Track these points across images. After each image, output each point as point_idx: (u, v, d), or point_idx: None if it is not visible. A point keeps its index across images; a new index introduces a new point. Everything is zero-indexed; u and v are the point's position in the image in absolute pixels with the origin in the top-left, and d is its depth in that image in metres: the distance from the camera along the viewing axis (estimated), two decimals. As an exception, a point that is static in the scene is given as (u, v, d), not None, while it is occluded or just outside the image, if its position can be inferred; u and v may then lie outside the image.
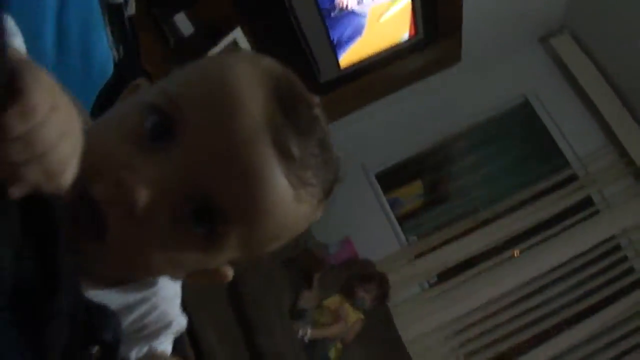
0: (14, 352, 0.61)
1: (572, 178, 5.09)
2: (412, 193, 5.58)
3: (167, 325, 1.01)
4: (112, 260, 0.73)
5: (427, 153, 5.45)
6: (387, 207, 5.20)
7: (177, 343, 1.02)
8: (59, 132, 0.55)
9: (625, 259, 4.91)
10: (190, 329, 1.25)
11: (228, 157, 0.70)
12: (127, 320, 0.95)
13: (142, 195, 0.68)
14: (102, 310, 0.69)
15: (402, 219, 5.28)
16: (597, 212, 5.00)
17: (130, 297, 0.90)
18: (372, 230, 5.04)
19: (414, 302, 4.81)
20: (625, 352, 4.67)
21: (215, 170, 0.70)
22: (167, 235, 0.71)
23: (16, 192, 0.54)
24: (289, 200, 0.74)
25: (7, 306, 0.58)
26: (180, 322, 1.05)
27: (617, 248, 4.94)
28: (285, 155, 0.72)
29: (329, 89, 4.21)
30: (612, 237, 4.92)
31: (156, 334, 1.00)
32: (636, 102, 4.93)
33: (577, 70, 5.09)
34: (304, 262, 4.14)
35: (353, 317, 4.19)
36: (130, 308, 0.92)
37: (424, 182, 5.65)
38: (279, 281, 3.92)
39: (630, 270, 4.88)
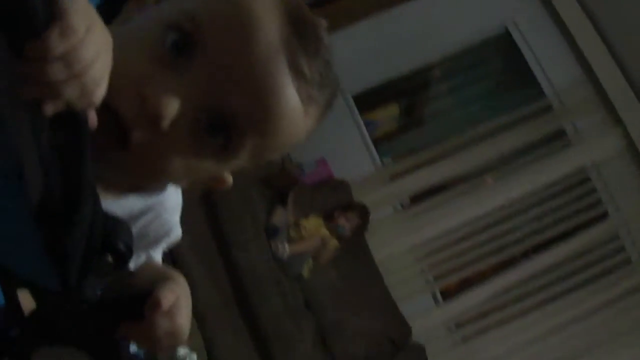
0: (36, 259, 0.65)
1: (547, 109, 5.13)
2: (388, 115, 5.58)
3: (167, 234, 1.10)
4: (132, 169, 0.80)
5: (406, 77, 5.43)
6: (363, 128, 5.19)
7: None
8: (95, 51, 0.57)
9: (593, 190, 5.02)
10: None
11: (247, 73, 0.76)
12: (133, 229, 1.01)
13: (168, 110, 0.73)
14: (117, 221, 0.73)
15: (378, 141, 5.27)
16: (569, 143, 5.07)
17: (137, 205, 0.98)
18: (348, 151, 5.05)
19: (386, 223, 4.86)
20: (588, 281, 4.80)
21: (235, 85, 0.76)
22: (187, 145, 0.77)
23: (50, 109, 0.57)
24: (298, 114, 0.81)
25: (32, 215, 0.61)
26: (177, 232, 1.14)
27: (587, 180, 5.03)
28: (298, 74, 0.79)
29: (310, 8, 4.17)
30: (582, 169, 5.01)
31: (156, 242, 1.10)
32: (614, 37, 4.96)
33: (559, 2, 5.08)
34: (279, 180, 4.17)
35: (333, 244, 4.26)
36: (135, 217, 0.99)
37: (400, 106, 5.65)
38: (255, 198, 3.95)
39: (597, 202, 4.99)
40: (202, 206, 3.61)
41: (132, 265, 1.06)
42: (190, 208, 1.26)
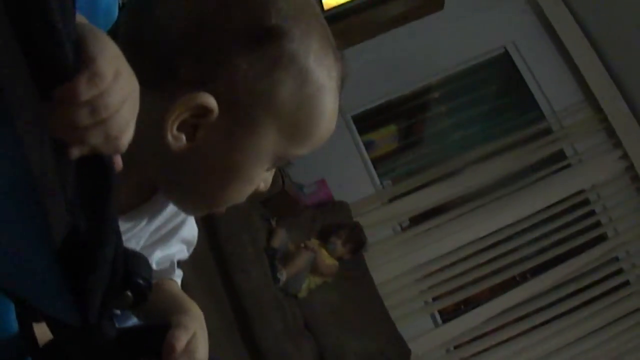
0: (57, 294, 0.65)
1: (547, 131, 5.14)
2: (387, 135, 5.60)
3: (182, 224, 1.18)
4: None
5: (405, 98, 5.45)
6: (363, 149, 5.20)
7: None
8: (122, 98, 0.58)
9: (592, 213, 5.03)
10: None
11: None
12: (154, 226, 1.09)
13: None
14: (136, 256, 0.73)
15: (377, 162, 5.29)
16: (568, 165, 5.09)
17: (159, 204, 1.05)
18: (348, 172, 5.06)
19: (386, 245, 4.85)
20: (586, 303, 4.80)
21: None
22: None
23: (76, 153, 0.58)
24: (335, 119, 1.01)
25: (56, 254, 0.62)
26: (192, 230, 1.26)
27: (586, 202, 5.04)
28: (339, 89, 1.00)
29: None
30: (582, 191, 5.02)
31: (172, 232, 1.17)
32: (614, 59, 4.98)
33: (558, 24, 5.12)
34: (279, 202, 4.17)
35: (330, 261, 4.26)
36: (156, 214, 1.07)
37: (399, 127, 5.67)
38: (256, 220, 3.96)
39: (596, 225, 5.00)
40: (202, 227, 3.61)
41: (154, 264, 1.16)
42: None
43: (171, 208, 1.08)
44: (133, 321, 1.14)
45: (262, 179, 0.97)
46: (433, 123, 5.67)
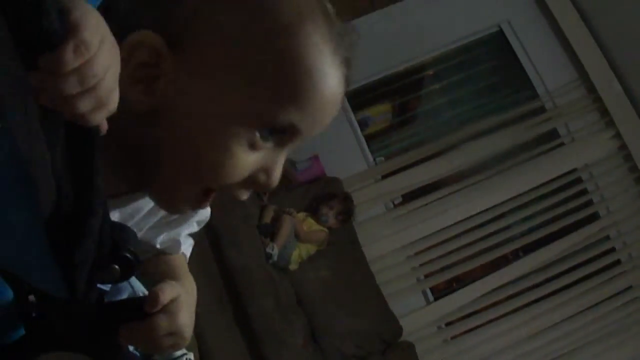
0: (44, 267, 0.65)
1: (540, 110, 5.15)
2: (381, 112, 5.59)
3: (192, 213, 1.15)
4: None
5: (399, 75, 5.44)
6: (356, 125, 5.18)
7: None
8: (107, 64, 0.58)
9: (584, 192, 5.04)
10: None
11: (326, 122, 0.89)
12: (159, 215, 1.08)
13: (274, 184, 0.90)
14: (124, 229, 0.73)
15: (370, 139, 5.28)
16: (561, 144, 5.09)
17: None
18: (341, 149, 5.03)
19: (378, 222, 4.87)
20: (578, 281, 4.83)
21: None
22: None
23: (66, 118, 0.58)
24: (340, 96, 0.87)
25: (43, 226, 0.62)
26: (204, 211, 1.21)
27: (578, 181, 5.05)
28: (345, 66, 0.85)
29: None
30: (574, 170, 5.04)
31: (182, 219, 1.17)
32: (608, 39, 4.97)
33: (553, 3, 5.11)
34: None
35: (316, 227, 4.27)
36: None
37: (393, 104, 5.66)
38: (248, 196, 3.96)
39: (588, 203, 5.02)
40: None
41: (158, 242, 1.15)
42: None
43: None
44: (123, 296, 1.14)
45: (259, 164, 0.84)
46: (427, 100, 5.65)
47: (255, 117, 0.79)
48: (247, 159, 0.81)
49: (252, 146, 0.80)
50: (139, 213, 1.01)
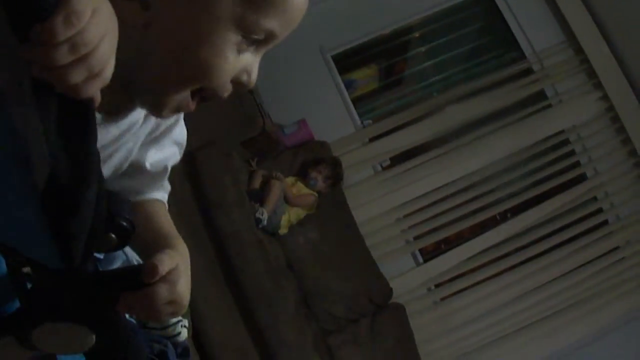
0: (40, 238, 0.65)
1: (527, 71, 5.14)
2: (368, 75, 5.57)
3: (175, 123, 1.22)
4: None
5: (385, 38, 5.41)
6: (343, 89, 5.17)
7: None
8: (101, 33, 0.57)
9: (572, 153, 5.06)
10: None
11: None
12: (149, 127, 1.15)
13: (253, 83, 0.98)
14: (119, 199, 0.73)
15: (357, 102, 5.27)
16: (549, 106, 5.10)
17: None
18: (328, 112, 5.04)
19: (367, 184, 4.88)
20: (566, 242, 4.87)
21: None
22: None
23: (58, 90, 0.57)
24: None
25: (38, 197, 0.61)
26: (183, 130, 1.26)
27: (566, 142, 5.07)
28: None
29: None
30: (562, 132, 5.04)
31: (165, 133, 1.21)
32: (596, 1, 4.95)
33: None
34: (260, 143, 4.16)
35: (305, 190, 4.28)
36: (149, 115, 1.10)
37: (379, 66, 5.64)
38: (237, 161, 3.95)
39: (576, 165, 5.04)
40: (184, 168, 3.60)
41: (148, 163, 1.20)
42: (172, 171, 1.27)
43: None
44: (116, 264, 1.14)
45: (242, 65, 0.94)
46: (414, 63, 5.64)
47: (241, 21, 0.87)
48: (234, 60, 0.91)
49: (239, 49, 0.91)
50: (135, 126, 1.08)
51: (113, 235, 0.72)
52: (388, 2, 5.15)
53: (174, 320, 1.31)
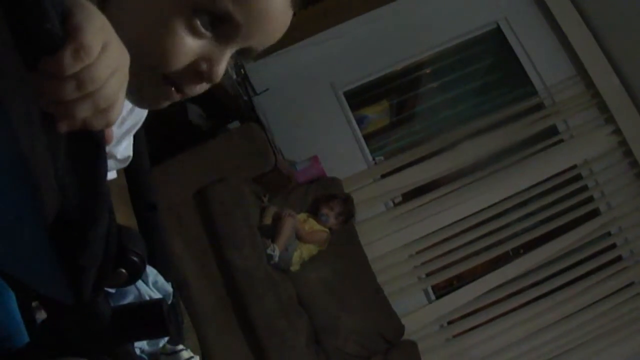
0: (50, 272, 0.65)
1: (539, 106, 5.14)
2: (379, 111, 5.59)
3: (142, 118, 1.18)
4: None
5: (396, 74, 5.44)
6: (355, 125, 5.19)
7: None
8: (109, 70, 0.57)
9: (585, 188, 5.03)
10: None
11: (271, 25, 0.90)
12: (126, 126, 1.13)
13: (220, 76, 0.89)
14: (129, 233, 0.73)
15: (369, 138, 5.28)
16: (561, 141, 5.09)
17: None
18: (340, 149, 5.05)
19: (378, 221, 4.86)
20: (579, 278, 4.82)
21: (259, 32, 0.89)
22: None
23: (64, 127, 0.56)
24: (287, 14, 0.91)
25: (48, 232, 0.61)
26: (139, 112, 1.19)
27: (578, 177, 5.04)
28: None
29: (301, 6, 4.16)
30: (574, 167, 5.03)
31: (134, 126, 1.17)
32: (606, 34, 4.97)
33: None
34: (272, 179, 4.16)
35: (317, 227, 4.26)
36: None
37: (391, 103, 5.66)
38: (248, 197, 3.95)
39: (589, 200, 5.01)
40: (195, 204, 3.61)
41: (119, 153, 1.19)
42: (183, 206, 1.27)
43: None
44: (128, 299, 1.13)
45: (200, 50, 0.85)
46: (425, 99, 5.65)
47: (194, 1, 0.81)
48: (187, 42, 0.83)
49: (193, 30, 0.83)
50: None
51: (123, 270, 0.72)
52: (399, 39, 5.19)
53: (186, 355, 1.29)
